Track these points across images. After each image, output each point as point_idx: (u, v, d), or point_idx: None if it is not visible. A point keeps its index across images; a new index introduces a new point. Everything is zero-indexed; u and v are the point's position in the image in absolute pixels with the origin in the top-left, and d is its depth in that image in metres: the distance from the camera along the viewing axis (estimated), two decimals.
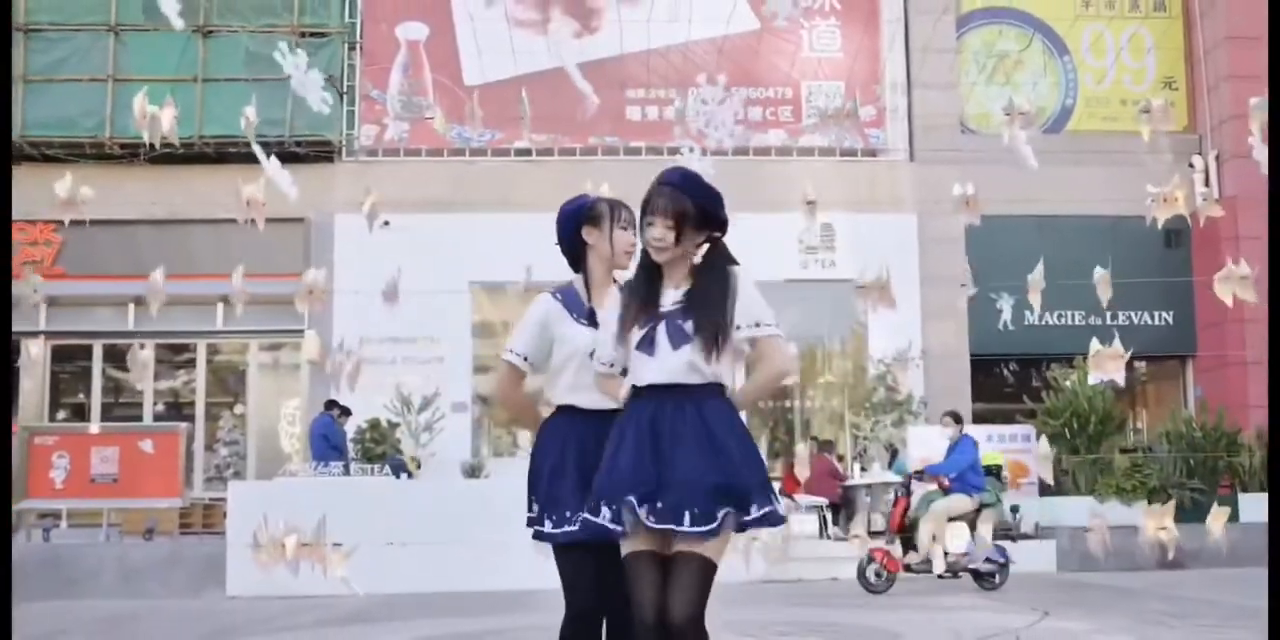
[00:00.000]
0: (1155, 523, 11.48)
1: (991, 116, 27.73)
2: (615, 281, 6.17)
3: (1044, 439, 15.99)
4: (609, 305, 5.87)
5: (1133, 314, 26.32)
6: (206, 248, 23.61)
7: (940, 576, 16.68)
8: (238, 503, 18.77)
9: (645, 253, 5.81)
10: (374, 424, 22.66)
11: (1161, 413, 27.12)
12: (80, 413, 27.51)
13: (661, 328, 5.58)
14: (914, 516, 16.99)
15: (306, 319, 21.02)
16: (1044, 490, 21.07)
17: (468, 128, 25.73)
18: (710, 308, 5.58)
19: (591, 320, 5.97)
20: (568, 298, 6.09)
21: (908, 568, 16.73)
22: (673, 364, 5.52)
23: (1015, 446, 21.69)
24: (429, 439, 23.68)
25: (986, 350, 26.67)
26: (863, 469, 25.70)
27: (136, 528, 20.37)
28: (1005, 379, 28.76)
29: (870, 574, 16.27)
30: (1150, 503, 18.47)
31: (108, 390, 27.67)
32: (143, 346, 17.13)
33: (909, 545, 16.94)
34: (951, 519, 16.50)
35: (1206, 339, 27.32)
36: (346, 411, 22.79)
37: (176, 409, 27.74)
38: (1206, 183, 13.73)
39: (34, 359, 26.48)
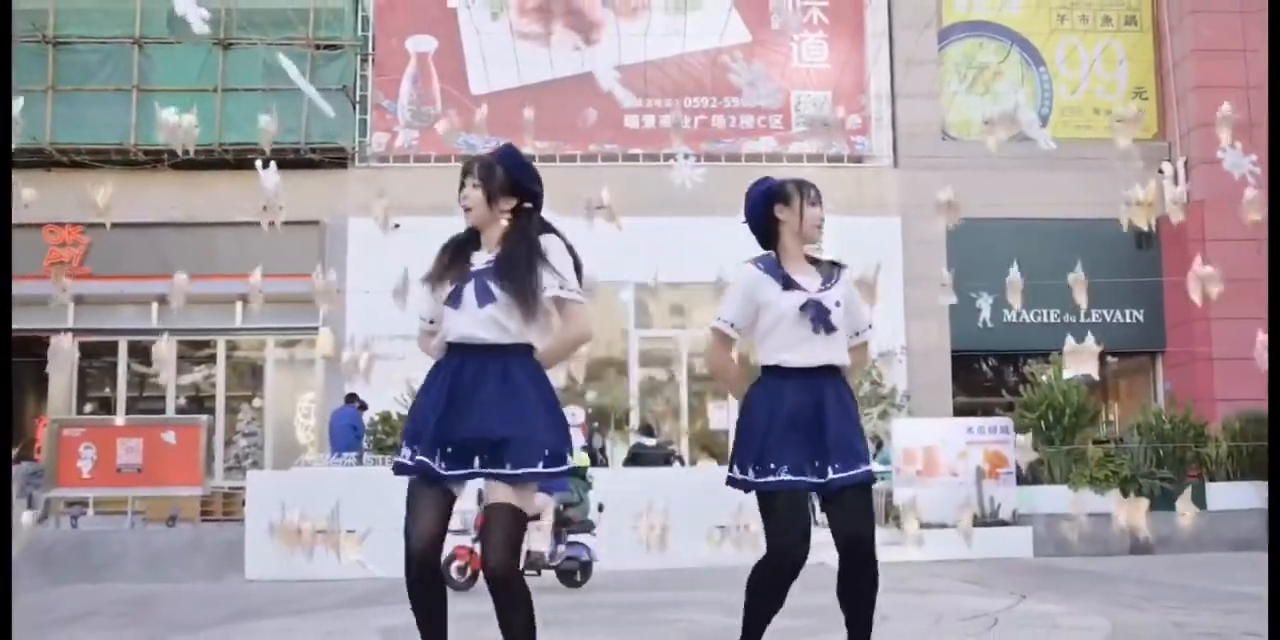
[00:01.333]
0: (1127, 510, 11.49)
1: (971, 124, 27.78)
2: (806, 256, 6.40)
3: (1028, 434, 16.03)
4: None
5: (1105, 312, 26.31)
6: (226, 249, 23.58)
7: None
8: (256, 491, 18.75)
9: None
10: (385, 417, 22.62)
11: (1132, 406, 27.15)
12: (106, 406, 27.48)
13: (469, 285, 5.73)
14: None
15: (321, 317, 21.01)
16: (1021, 479, 21.06)
17: (474, 135, 25.72)
18: (517, 269, 5.70)
19: (789, 285, 6.15)
20: (768, 266, 6.24)
21: None
22: (479, 318, 5.64)
23: (994, 438, 21.66)
24: None
25: (967, 346, 26.66)
26: None
27: (160, 515, 20.37)
28: (984, 374, 28.76)
29: (453, 571, 16.13)
30: (1122, 491, 18.48)
31: (132, 384, 27.67)
32: (166, 343, 17.09)
33: None
34: (533, 518, 16.27)
35: (1175, 336, 27.33)
36: (364, 405, 22.84)
37: (198, 402, 27.74)
38: (1176, 187, 13.70)
39: (62, 355, 26.48)
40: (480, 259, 5.85)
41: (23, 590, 16.48)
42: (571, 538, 16.23)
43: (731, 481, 6.27)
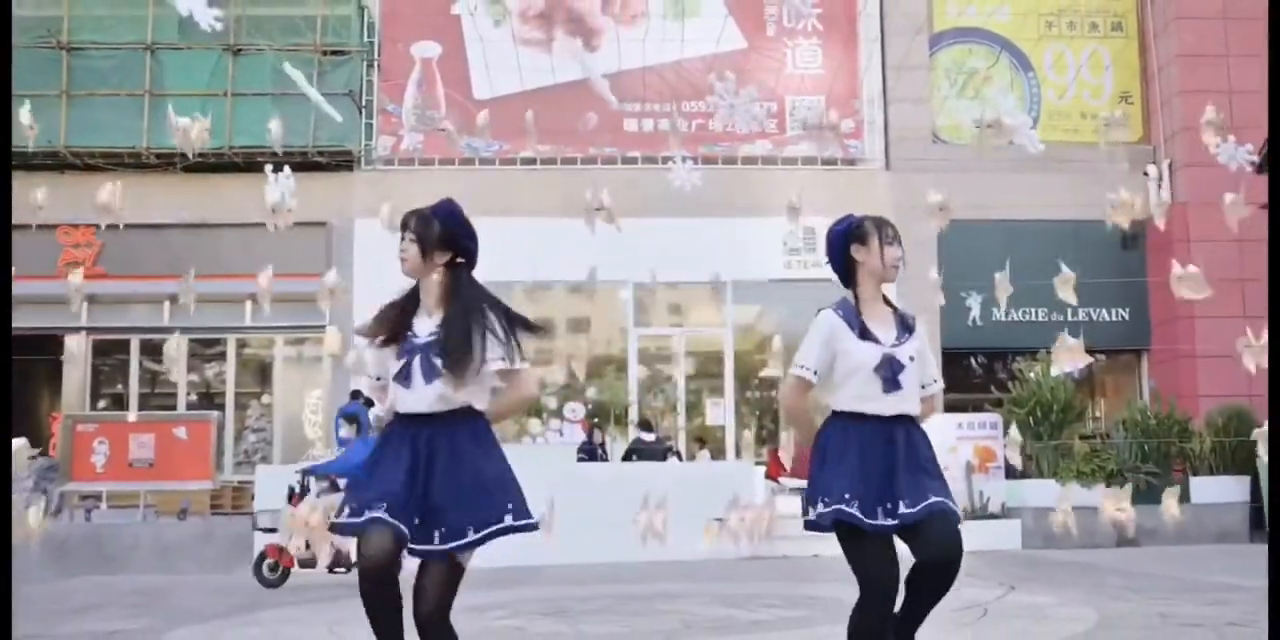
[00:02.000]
0: (1113, 504, 11.47)
1: (961, 128, 27.79)
2: (884, 297, 6.36)
3: (1014, 427, 16.00)
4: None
5: (1092, 311, 26.31)
6: (235, 250, 23.54)
7: (331, 571, 16.16)
8: (265, 485, 18.75)
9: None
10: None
11: (1118, 402, 27.15)
12: (119, 402, 27.48)
13: (416, 362, 5.73)
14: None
15: (328, 316, 20.98)
16: (1010, 474, 21.07)
17: (477, 139, 25.71)
18: (461, 344, 5.70)
19: (865, 336, 6.08)
20: (846, 314, 6.18)
21: (302, 563, 16.30)
22: (427, 396, 5.68)
23: (984, 433, 21.72)
24: None
25: (957, 344, 26.61)
26: None
27: (171, 508, 20.38)
28: (974, 371, 28.73)
29: (265, 569, 16.05)
30: (1108, 485, 18.47)
31: (144, 381, 27.65)
32: (177, 341, 17.07)
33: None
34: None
35: (1160, 334, 27.33)
36: (370, 402, 22.82)
37: (208, 399, 27.73)
38: (1160, 189, 13.69)
39: (76, 353, 26.53)
40: (423, 329, 5.85)
41: (38, 581, 16.53)
42: None
43: (809, 525, 6.12)
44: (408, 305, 5.96)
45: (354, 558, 15.59)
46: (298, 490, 16.60)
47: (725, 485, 15.07)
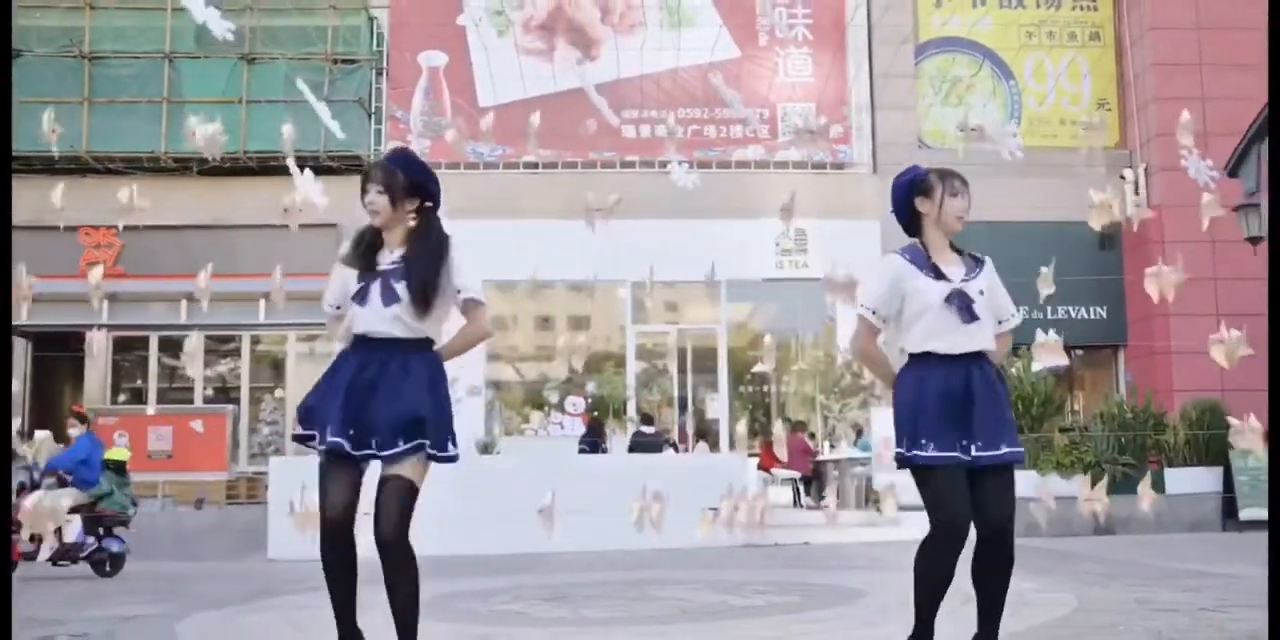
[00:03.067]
0: (1091, 494, 11.45)
1: (946, 134, 27.80)
2: (951, 246, 6.31)
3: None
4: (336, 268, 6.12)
5: (1070, 309, 26.32)
6: (250, 250, 23.51)
7: (55, 564, 16.04)
8: (278, 476, 18.72)
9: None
10: None
11: (1096, 396, 27.14)
12: (138, 396, 27.49)
13: (375, 285, 5.82)
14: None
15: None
16: None
17: (481, 144, 25.74)
18: (424, 272, 5.81)
19: (937, 275, 6.04)
20: (914, 256, 6.13)
21: (25, 556, 16.16)
22: (385, 317, 5.76)
23: None
24: None
25: None
26: (831, 446, 25.77)
27: (188, 498, 20.39)
28: None
29: None
30: (1086, 476, 18.46)
31: (163, 376, 27.66)
32: (194, 337, 17.05)
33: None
34: (72, 510, 15.91)
35: (1136, 331, 27.35)
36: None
37: (224, 393, 27.73)
38: (1136, 192, 13.70)
39: (97, 349, 26.42)
40: (385, 258, 5.94)
41: (59, 567, 16.50)
42: (103, 530, 16.11)
43: (897, 459, 6.07)
44: (374, 239, 6.03)
45: (79, 551, 15.30)
46: (27, 485, 16.49)
47: (719, 476, 15.05)
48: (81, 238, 25.73)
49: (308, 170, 13.27)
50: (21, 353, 26.88)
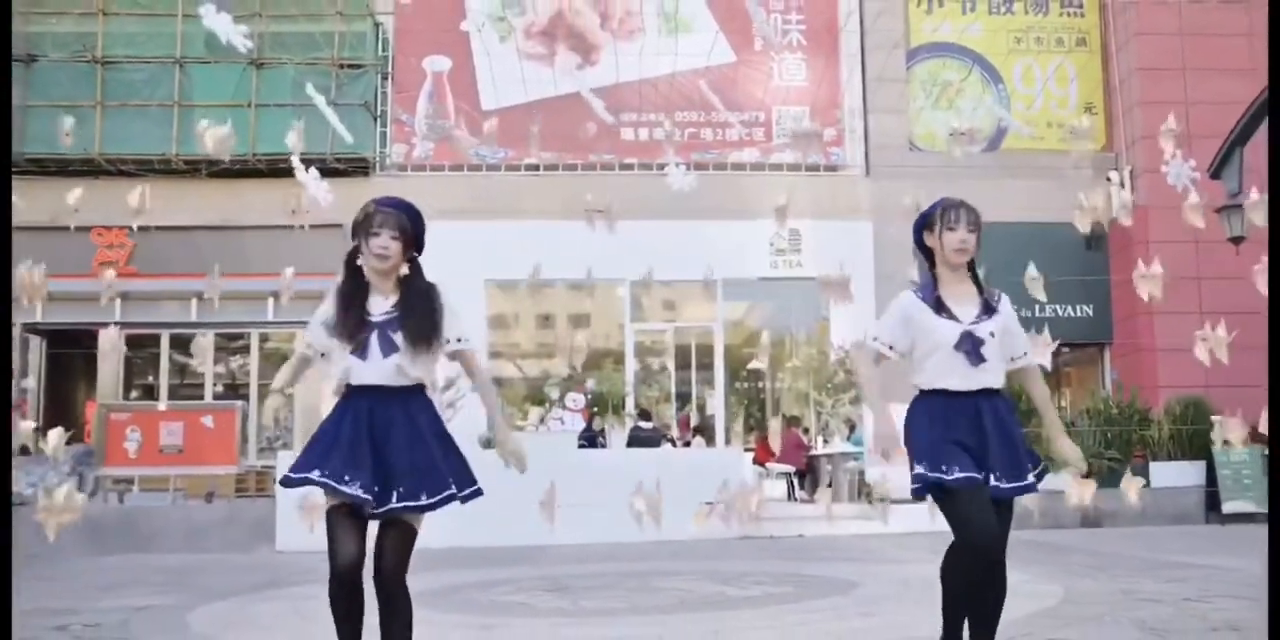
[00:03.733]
0: (1078, 489, 11.47)
1: (936, 137, 27.82)
2: (973, 277, 6.26)
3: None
4: (326, 301, 6.03)
5: (1058, 307, 26.30)
6: (258, 250, 23.53)
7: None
8: (286, 469, 18.74)
9: (351, 262, 6.01)
10: None
11: (1083, 392, 27.17)
12: (150, 393, 27.48)
13: (374, 337, 5.75)
14: None
15: None
16: None
17: (484, 146, 25.76)
18: (421, 322, 5.81)
19: (948, 314, 6.00)
20: (924, 294, 6.10)
21: None
22: (385, 369, 5.73)
23: None
24: (451, 414, 23.61)
25: None
26: (825, 441, 25.76)
27: (198, 492, 20.37)
28: None
29: None
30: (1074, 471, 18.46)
31: (174, 373, 27.66)
32: (204, 335, 17.07)
33: None
34: None
35: (1122, 329, 27.36)
36: None
37: (233, 389, 27.74)
38: (1122, 194, 13.69)
39: (110, 346, 26.49)
40: (377, 308, 5.89)
41: (74, 559, 16.52)
42: None
43: (916, 492, 5.97)
44: (359, 290, 5.96)
45: None
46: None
47: (716, 470, 15.08)
48: (94, 238, 25.72)
49: (313, 168, 13.31)
50: (36, 350, 26.91)
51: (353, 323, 5.82)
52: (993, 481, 5.75)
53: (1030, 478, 5.85)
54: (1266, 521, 10.05)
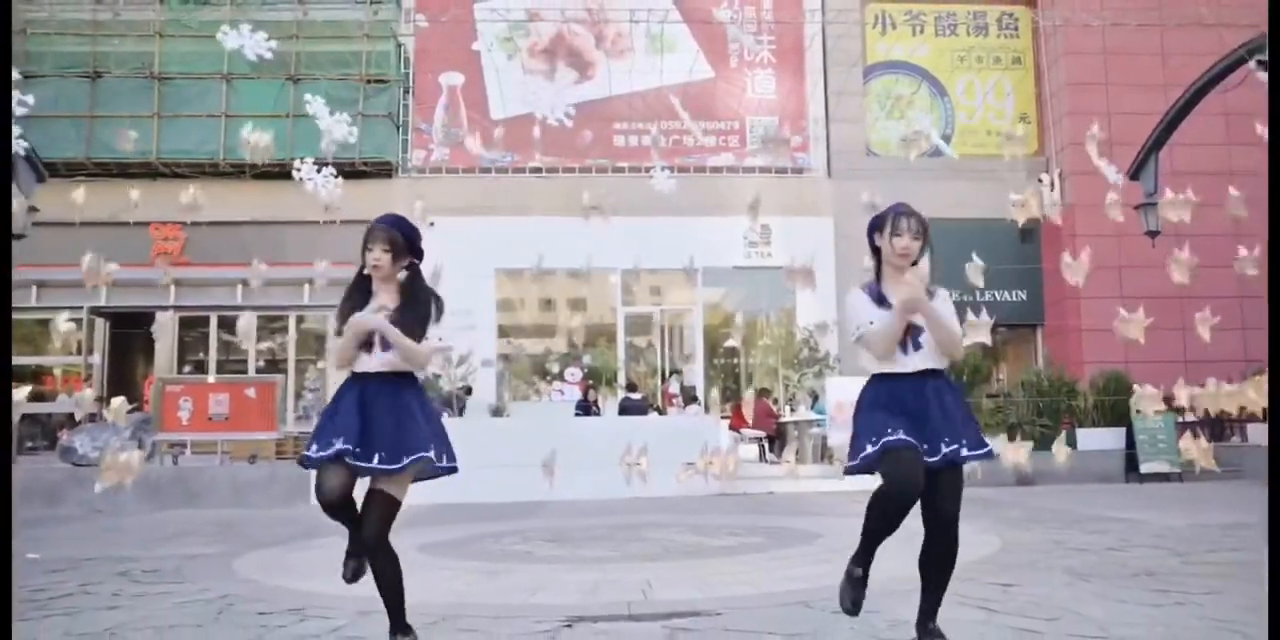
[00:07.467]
0: (1013, 451, 11.45)
1: (890, 143, 27.84)
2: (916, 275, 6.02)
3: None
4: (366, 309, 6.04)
5: (996, 293, 26.31)
6: (296, 242, 23.43)
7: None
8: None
9: (360, 270, 6.11)
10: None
11: (1018, 367, 27.16)
12: (201, 367, 27.45)
13: (376, 336, 5.86)
14: None
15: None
16: None
17: (493, 151, 25.72)
18: (416, 324, 5.89)
19: (882, 304, 5.86)
20: (870, 289, 5.97)
21: None
22: (382, 359, 5.84)
23: None
24: (464, 386, 23.66)
25: None
26: (792, 409, 25.74)
27: (243, 454, 20.34)
28: None
29: None
30: (1009, 435, 18.47)
31: (221, 350, 27.63)
32: (247, 317, 16.99)
33: None
34: None
35: (1052, 312, 27.39)
36: None
37: (273, 364, 27.68)
38: (1052, 193, 13.66)
39: (165, 327, 26.53)
40: (377, 306, 6.01)
41: (135, 514, 16.52)
42: None
43: (851, 470, 5.86)
44: (363, 296, 6.07)
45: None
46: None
47: (696, 435, 15.03)
48: (152, 231, 25.75)
49: (324, 170, 13.26)
50: (101, 330, 26.88)
51: (351, 312, 5.96)
52: (943, 450, 5.67)
53: (970, 447, 5.73)
54: (1179, 480, 9.95)
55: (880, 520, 5.74)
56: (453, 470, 5.94)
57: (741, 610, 7.19)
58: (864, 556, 5.89)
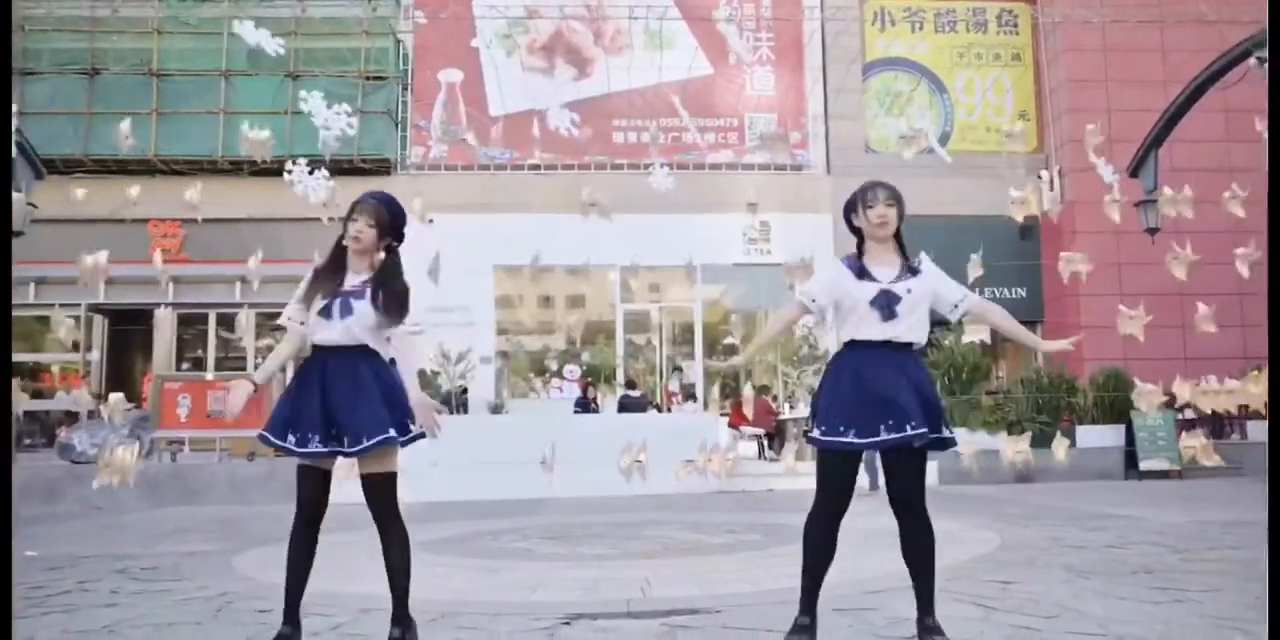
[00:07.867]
0: (1013, 448, 11.45)
1: (889, 140, 27.80)
2: (900, 249, 6.14)
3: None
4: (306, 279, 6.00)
5: (995, 289, 26.29)
6: (294, 239, 23.41)
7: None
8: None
9: (338, 242, 5.99)
10: (420, 373, 22.57)
11: (1018, 364, 27.16)
12: (199, 364, 27.46)
13: (336, 302, 5.76)
14: None
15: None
16: None
17: (492, 148, 25.72)
18: (392, 305, 5.80)
19: (862, 276, 5.92)
20: (850, 262, 6.02)
21: None
22: (336, 329, 5.74)
23: None
24: (464, 384, 23.65)
25: None
26: (791, 407, 25.74)
27: (241, 451, 20.34)
28: None
29: None
30: (1009, 433, 18.48)
31: (220, 347, 27.64)
32: (245, 314, 17.03)
33: None
34: None
35: (1051, 308, 27.39)
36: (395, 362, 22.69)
37: None
38: (1051, 190, 13.67)
39: (164, 324, 26.55)
40: (349, 282, 5.88)
41: (134, 511, 16.53)
42: None
43: (810, 439, 5.85)
44: (337, 271, 5.94)
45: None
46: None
47: (695, 433, 15.04)
48: (150, 228, 25.75)
49: (316, 172, 13.27)
50: (100, 327, 26.87)
51: (322, 291, 5.83)
52: (883, 434, 5.64)
53: (917, 428, 5.69)
54: (1179, 477, 10.00)
55: (813, 550, 5.79)
56: (419, 437, 5.87)
57: (740, 607, 7.19)
58: (808, 601, 5.87)
